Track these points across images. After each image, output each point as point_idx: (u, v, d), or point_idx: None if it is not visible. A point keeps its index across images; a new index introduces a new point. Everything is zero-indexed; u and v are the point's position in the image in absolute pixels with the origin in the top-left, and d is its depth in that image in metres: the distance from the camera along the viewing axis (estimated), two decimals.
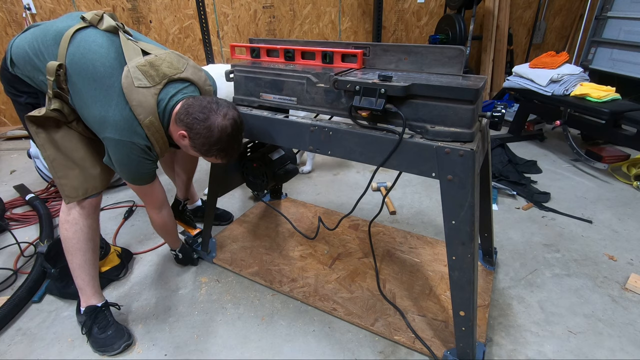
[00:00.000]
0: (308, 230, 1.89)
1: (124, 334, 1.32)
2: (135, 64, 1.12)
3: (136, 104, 1.11)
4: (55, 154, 1.21)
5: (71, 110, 1.20)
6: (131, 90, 1.10)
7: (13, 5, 3.07)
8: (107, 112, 1.10)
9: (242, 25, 3.68)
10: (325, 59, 1.26)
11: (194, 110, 1.12)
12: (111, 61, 1.12)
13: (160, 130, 1.19)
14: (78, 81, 1.12)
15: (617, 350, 1.28)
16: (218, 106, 1.14)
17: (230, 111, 1.15)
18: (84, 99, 1.13)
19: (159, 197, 1.37)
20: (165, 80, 1.16)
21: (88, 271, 1.32)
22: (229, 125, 1.14)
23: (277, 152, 1.64)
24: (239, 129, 1.18)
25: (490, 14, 3.91)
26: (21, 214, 2.14)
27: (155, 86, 1.14)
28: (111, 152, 1.15)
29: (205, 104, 1.13)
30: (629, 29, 3.30)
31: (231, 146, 1.19)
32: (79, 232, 1.27)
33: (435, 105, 0.98)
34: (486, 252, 1.60)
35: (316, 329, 1.39)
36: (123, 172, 1.20)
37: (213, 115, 1.12)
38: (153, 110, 1.14)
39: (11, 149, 3.15)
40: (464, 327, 1.13)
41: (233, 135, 1.16)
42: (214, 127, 1.12)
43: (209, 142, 1.14)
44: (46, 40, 1.14)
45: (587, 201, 2.21)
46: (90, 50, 1.12)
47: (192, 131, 1.14)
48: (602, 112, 2.30)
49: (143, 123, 1.13)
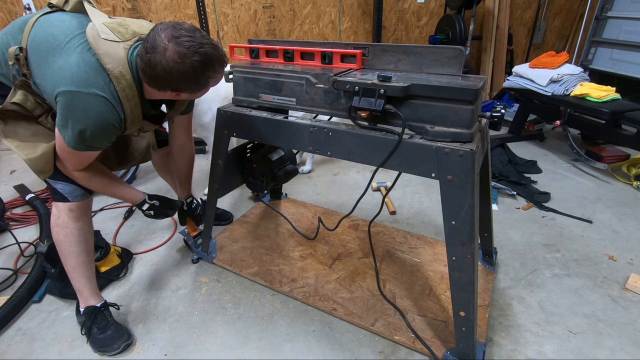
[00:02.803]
0: (308, 231, 1.89)
1: (124, 334, 1.32)
2: (102, 21, 1.03)
3: (103, 52, 0.98)
4: (19, 144, 1.15)
5: (36, 103, 1.13)
6: (97, 40, 0.99)
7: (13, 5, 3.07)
8: (64, 63, 0.98)
9: (242, 25, 3.68)
10: (325, 60, 1.26)
11: (147, 70, 0.98)
12: (73, 28, 1.04)
13: (132, 87, 1.04)
14: (38, 55, 1.04)
15: (617, 350, 1.28)
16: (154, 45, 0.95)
17: (163, 35, 0.95)
18: (43, 68, 1.03)
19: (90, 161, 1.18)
20: (136, 37, 1.05)
21: (83, 273, 1.31)
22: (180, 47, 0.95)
23: (277, 152, 1.64)
24: (189, 37, 0.96)
25: (490, 14, 3.90)
26: (21, 214, 2.14)
27: (125, 42, 1.03)
28: (65, 110, 0.99)
29: (146, 57, 0.97)
30: (629, 29, 3.30)
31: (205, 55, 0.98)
32: (69, 235, 1.25)
33: (434, 105, 0.98)
34: (486, 252, 1.60)
35: (316, 329, 1.39)
36: (73, 133, 1.01)
37: (159, 58, 0.95)
38: (123, 62, 1.01)
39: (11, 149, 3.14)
40: (464, 327, 1.13)
41: (192, 48, 0.96)
42: (175, 65, 0.95)
43: (189, 77, 0.99)
44: (13, 30, 1.11)
45: (587, 201, 2.21)
46: (51, 25, 1.06)
47: (171, 86, 1.01)
48: (602, 112, 2.30)
49: (112, 74, 1.00)
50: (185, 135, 1.52)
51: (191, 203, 1.68)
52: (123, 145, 1.46)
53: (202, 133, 2.30)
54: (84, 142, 1.05)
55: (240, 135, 1.37)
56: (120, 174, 2.44)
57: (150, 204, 1.40)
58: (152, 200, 1.40)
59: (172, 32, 0.96)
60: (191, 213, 1.69)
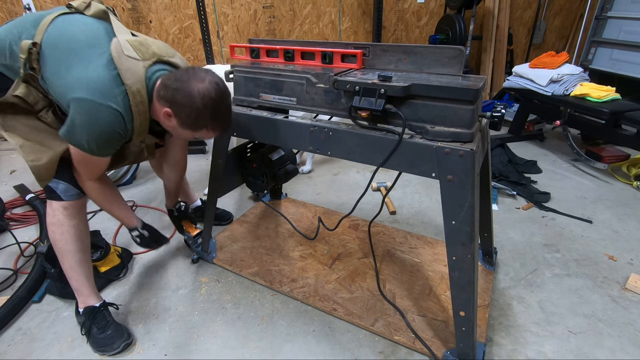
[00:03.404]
0: (308, 231, 1.89)
1: (124, 334, 1.32)
2: (125, 38, 1.07)
3: (125, 68, 1.04)
4: (23, 141, 1.15)
5: (39, 97, 1.14)
6: (120, 56, 1.03)
7: (13, 5, 3.07)
8: (85, 70, 1.01)
9: (242, 25, 3.68)
10: (325, 59, 1.26)
11: (170, 82, 1.05)
12: (96, 34, 1.07)
13: (145, 103, 1.10)
14: (53, 53, 1.04)
15: (617, 350, 1.28)
16: (195, 72, 1.06)
17: (209, 75, 1.07)
18: (57, 66, 1.04)
19: (101, 170, 1.24)
20: (155, 58, 1.11)
21: (81, 272, 1.30)
22: (211, 89, 1.05)
23: (277, 152, 1.64)
24: (224, 92, 1.09)
25: (490, 14, 3.90)
26: (21, 214, 2.14)
27: (145, 61, 1.08)
28: (77, 115, 1.02)
29: (181, 73, 1.06)
30: (629, 29, 3.31)
31: (220, 111, 1.09)
32: (65, 234, 1.25)
33: (435, 105, 0.98)
34: (486, 252, 1.60)
35: (316, 329, 1.39)
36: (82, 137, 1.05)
37: (192, 81, 1.04)
38: (141, 80, 1.07)
39: (11, 149, 3.14)
40: (464, 327, 1.13)
41: (218, 98, 1.07)
42: (195, 92, 1.03)
43: (194, 110, 1.05)
44: (25, 25, 1.10)
45: (587, 201, 2.21)
46: (73, 26, 1.07)
47: (174, 104, 1.06)
48: (602, 112, 2.30)
49: (130, 89, 1.04)
50: (180, 153, 1.57)
51: (179, 208, 1.70)
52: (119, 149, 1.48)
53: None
54: (92, 148, 1.09)
55: (241, 134, 1.37)
56: (121, 173, 2.44)
57: (140, 233, 1.46)
58: (142, 230, 1.46)
59: (217, 80, 1.07)
60: (184, 214, 1.71)
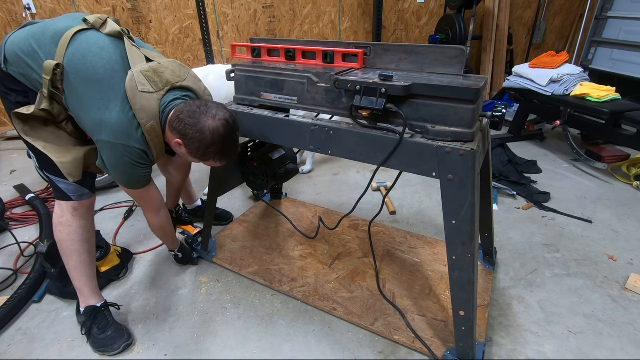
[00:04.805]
0: (308, 230, 1.89)
1: (124, 334, 1.32)
2: (140, 69, 1.12)
3: (139, 107, 1.10)
4: (45, 144, 1.18)
5: (61, 110, 1.18)
6: (135, 94, 1.09)
7: (13, 5, 3.07)
8: (105, 115, 1.09)
9: (242, 25, 3.68)
10: (326, 59, 1.26)
11: (184, 117, 1.12)
12: (113, 65, 1.12)
13: (160, 136, 1.19)
14: (76, 82, 1.10)
15: (617, 350, 1.29)
16: (207, 109, 1.13)
17: (221, 112, 1.14)
18: (81, 101, 1.11)
19: (156, 200, 1.36)
20: (168, 87, 1.17)
21: (85, 272, 1.31)
22: (221, 126, 1.13)
23: (278, 151, 1.64)
24: (232, 128, 1.17)
25: (490, 14, 3.91)
26: (21, 214, 2.14)
27: (159, 92, 1.15)
28: (105, 156, 1.14)
29: (194, 109, 1.13)
30: (629, 29, 3.31)
31: (227, 147, 1.18)
32: (72, 234, 1.26)
33: (436, 105, 0.98)
34: (486, 252, 1.60)
35: (316, 328, 1.38)
36: (117, 176, 1.19)
37: (203, 118, 1.12)
38: (155, 115, 1.14)
39: (11, 149, 3.14)
40: (464, 327, 1.13)
41: (227, 136, 1.15)
42: (206, 129, 1.11)
43: (204, 145, 1.14)
44: (44, 39, 1.12)
45: (587, 201, 2.21)
46: (92, 52, 1.11)
47: (186, 138, 1.14)
48: (602, 112, 2.30)
49: (145, 127, 1.13)
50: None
51: (178, 211, 1.87)
52: None
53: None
54: (126, 183, 1.21)
55: (241, 134, 1.36)
56: None
57: (175, 254, 1.66)
58: (178, 252, 1.65)
59: (227, 117, 1.15)
60: (180, 219, 1.87)
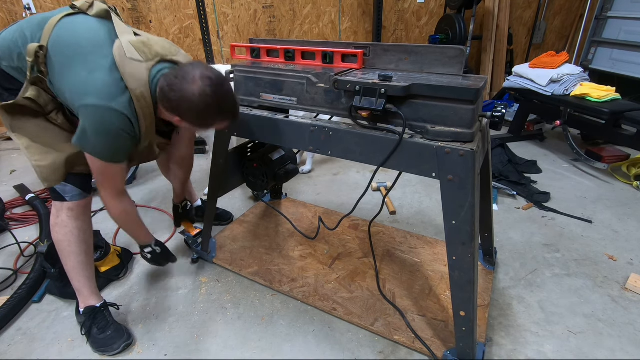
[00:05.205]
0: (308, 230, 1.89)
1: (124, 334, 1.32)
2: (128, 39, 1.08)
3: (128, 73, 1.04)
4: (29, 142, 1.15)
5: (49, 99, 1.15)
6: (123, 60, 1.04)
7: (13, 5, 3.07)
8: (88, 77, 1.02)
9: (242, 25, 3.68)
10: (326, 59, 1.26)
11: (167, 92, 1.05)
12: (99, 39, 1.07)
13: (150, 106, 1.11)
14: (60, 60, 1.05)
15: (617, 350, 1.28)
16: (185, 74, 1.04)
17: (198, 71, 1.03)
18: (64, 73, 1.05)
19: (121, 182, 1.24)
20: (158, 58, 1.12)
21: (83, 273, 1.31)
22: (206, 87, 1.03)
23: (277, 152, 1.64)
24: (218, 83, 1.06)
25: (490, 14, 3.90)
26: (21, 214, 2.14)
27: (148, 62, 1.09)
28: (87, 122, 1.04)
29: (173, 80, 1.05)
30: (629, 29, 3.30)
31: (222, 104, 1.08)
32: (69, 235, 1.25)
33: (435, 105, 0.98)
34: (486, 252, 1.60)
35: (316, 329, 1.39)
36: (95, 144, 1.07)
37: (185, 86, 1.03)
38: (145, 83, 1.08)
39: (11, 149, 3.14)
40: (464, 327, 1.13)
41: (216, 93, 1.05)
42: (192, 97, 1.03)
43: (199, 113, 1.06)
44: (31, 26, 1.10)
45: (587, 201, 2.21)
46: (76, 32, 1.07)
47: (180, 113, 1.07)
48: (602, 112, 2.30)
49: (134, 93, 1.06)
50: (187, 148, 1.56)
51: (186, 206, 1.75)
52: None
53: (203, 133, 2.30)
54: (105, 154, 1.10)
55: (241, 134, 1.37)
56: None
57: (153, 249, 1.46)
58: (156, 247, 1.46)
59: (207, 74, 1.04)
60: (186, 215, 1.76)
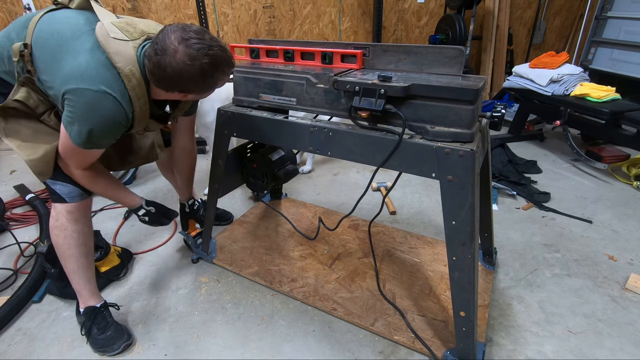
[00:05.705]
0: (308, 231, 1.89)
1: (124, 334, 1.32)
2: (110, 20, 1.04)
3: (113, 51, 0.99)
4: (20, 144, 1.14)
5: (40, 101, 1.12)
6: (107, 40, 0.99)
7: (13, 5, 3.07)
8: (74, 62, 0.98)
9: (242, 26, 3.68)
10: (325, 60, 1.26)
11: (156, 72, 0.98)
12: (79, 24, 1.04)
13: (141, 85, 1.05)
14: (43, 53, 1.02)
15: (617, 350, 1.28)
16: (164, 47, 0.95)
17: (173, 37, 0.95)
18: (50, 66, 1.02)
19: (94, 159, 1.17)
20: (144, 37, 1.06)
21: (83, 275, 1.30)
22: (187, 50, 0.95)
23: (277, 152, 1.64)
24: (197, 40, 0.96)
25: (490, 14, 3.90)
26: (21, 214, 2.14)
27: (134, 40, 1.03)
28: (74, 108, 0.98)
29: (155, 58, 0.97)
30: (629, 29, 3.30)
31: (214, 59, 0.99)
32: (68, 238, 1.23)
33: (435, 105, 0.98)
34: (486, 252, 1.60)
35: (316, 329, 1.39)
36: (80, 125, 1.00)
37: (168, 60, 0.95)
38: (133, 61, 1.02)
39: (11, 149, 3.14)
40: (464, 327, 1.13)
41: (200, 51, 0.96)
42: (184, 67, 0.96)
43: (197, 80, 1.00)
44: (16, 28, 1.10)
45: (587, 201, 2.21)
46: (57, 22, 1.05)
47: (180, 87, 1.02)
48: (602, 112, 2.30)
49: (123, 72, 1.00)
50: (188, 139, 1.52)
51: (193, 204, 1.68)
52: (126, 144, 1.45)
53: (204, 133, 2.30)
54: (90, 140, 1.04)
55: (241, 135, 1.37)
56: (120, 174, 2.44)
57: (147, 210, 1.38)
58: (148, 207, 1.38)
59: (181, 34, 0.96)
60: (194, 214, 1.70)
